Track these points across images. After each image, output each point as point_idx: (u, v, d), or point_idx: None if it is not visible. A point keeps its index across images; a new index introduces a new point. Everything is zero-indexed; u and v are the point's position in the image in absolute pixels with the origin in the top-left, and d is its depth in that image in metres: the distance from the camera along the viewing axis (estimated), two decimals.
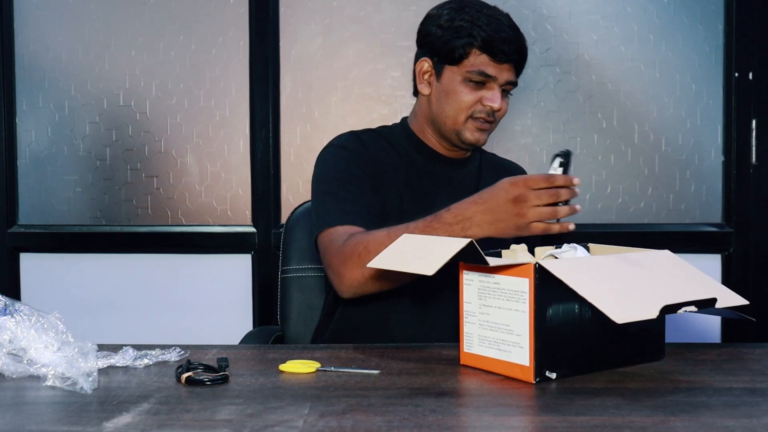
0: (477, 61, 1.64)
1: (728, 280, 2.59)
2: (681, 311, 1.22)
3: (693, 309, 1.23)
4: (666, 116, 2.63)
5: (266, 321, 2.63)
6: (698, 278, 1.33)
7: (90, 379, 1.21)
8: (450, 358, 1.39)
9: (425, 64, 1.72)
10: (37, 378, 1.26)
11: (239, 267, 2.67)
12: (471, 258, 1.24)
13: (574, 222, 1.44)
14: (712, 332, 2.67)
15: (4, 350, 1.29)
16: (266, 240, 2.64)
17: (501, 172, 1.69)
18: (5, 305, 1.31)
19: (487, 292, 1.29)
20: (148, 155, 2.69)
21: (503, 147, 2.61)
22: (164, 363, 1.37)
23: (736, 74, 2.59)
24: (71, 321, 1.34)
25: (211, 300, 2.68)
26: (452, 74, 1.67)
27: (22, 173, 2.71)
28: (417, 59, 1.74)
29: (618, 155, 2.64)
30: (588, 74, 2.63)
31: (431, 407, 1.12)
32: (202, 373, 1.26)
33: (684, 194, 2.64)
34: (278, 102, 2.65)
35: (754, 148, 2.61)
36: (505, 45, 1.62)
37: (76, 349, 1.28)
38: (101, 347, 1.37)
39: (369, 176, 1.69)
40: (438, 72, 1.70)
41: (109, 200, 2.70)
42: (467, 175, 1.75)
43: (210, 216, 2.69)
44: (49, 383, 1.23)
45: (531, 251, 1.45)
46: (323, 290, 1.89)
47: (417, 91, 1.76)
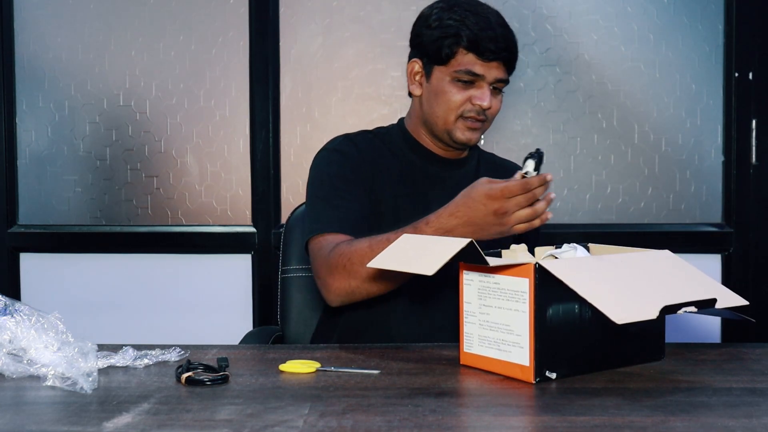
0: (464, 61, 1.64)
1: (728, 280, 2.59)
2: (681, 311, 1.22)
3: (693, 309, 1.24)
4: (666, 116, 2.63)
5: (266, 321, 2.63)
6: (698, 278, 1.33)
7: (90, 379, 1.21)
8: (450, 358, 1.39)
9: (416, 65, 1.72)
10: (37, 378, 1.26)
11: (239, 267, 2.67)
12: (471, 258, 1.24)
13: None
14: (712, 332, 2.67)
15: (4, 350, 1.29)
16: (266, 240, 2.64)
17: (499, 172, 1.68)
18: (5, 305, 1.31)
19: (487, 292, 1.29)
20: (148, 155, 2.69)
21: (503, 147, 2.61)
22: (164, 363, 1.37)
23: (736, 74, 2.59)
24: (71, 321, 1.34)
25: (211, 300, 2.68)
26: (441, 74, 1.67)
27: (22, 173, 2.71)
28: (409, 60, 1.74)
29: (618, 155, 2.64)
30: (588, 74, 2.63)
31: (431, 407, 1.12)
32: (202, 373, 1.26)
33: (684, 194, 2.64)
34: (278, 102, 2.65)
35: (754, 148, 2.60)
36: (492, 43, 1.62)
37: (76, 349, 1.28)
38: (101, 347, 1.37)
39: (362, 180, 1.69)
40: (428, 73, 1.70)
41: (109, 200, 2.70)
42: (464, 176, 1.73)
43: (210, 216, 2.69)
44: (49, 383, 1.23)
45: (531, 251, 1.46)
46: None
47: (411, 92, 1.77)
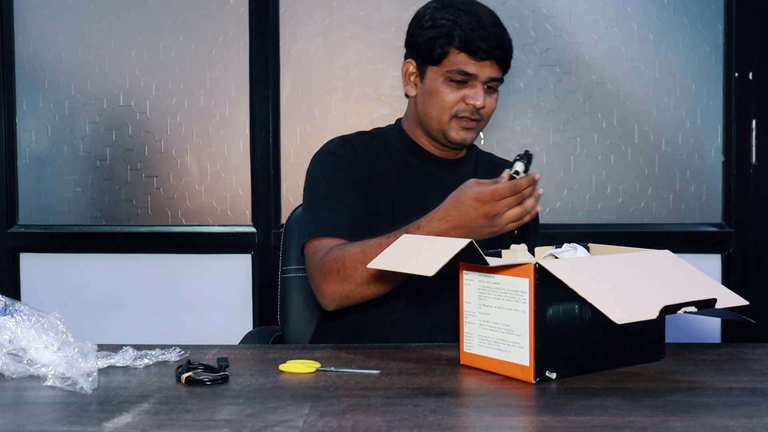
0: (456, 60, 1.63)
1: (728, 280, 2.59)
2: (681, 311, 1.22)
3: (693, 309, 1.24)
4: (666, 116, 2.63)
5: (266, 321, 2.63)
6: (698, 278, 1.33)
7: (90, 379, 1.21)
8: (450, 358, 1.39)
9: (410, 66, 1.72)
10: (37, 378, 1.26)
11: (239, 267, 2.67)
12: (471, 258, 1.24)
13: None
14: (712, 332, 2.66)
15: (4, 350, 1.29)
16: (266, 240, 2.64)
17: (498, 171, 1.67)
18: (5, 305, 1.31)
19: (487, 292, 1.29)
20: (148, 155, 2.69)
21: (503, 147, 2.61)
22: (164, 363, 1.37)
23: (736, 74, 2.59)
24: (71, 321, 1.34)
25: (211, 300, 2.68)
26: (434, 75, 1.67)
27: (22, 173, 2.71)
28: (404, 61, 1.74)
29: (618, 155, 2.64)
30: (588, 74, 2.63)
31: (431, 407, 1.12)
32: (202, 373, 1.26)
33: (684, 194, 2.64)
34: (278, 102, 2.65)
35: (754, 148, 2.60)
36: (484, 42, 1.61)
37: (76, 349, 1.28)
38: (101, 347, 1.37)
39: (358, 182, 1.69)
40: (422, 73, 1.70)
41: (109, 200, 2.70)
42: (462, 176, 1.68)
43: (210, 216, 2.69)
44: (49, 383, 1.23)
45: (531, 251, 1.46)
46: None
47: (406, 93, 1.77)
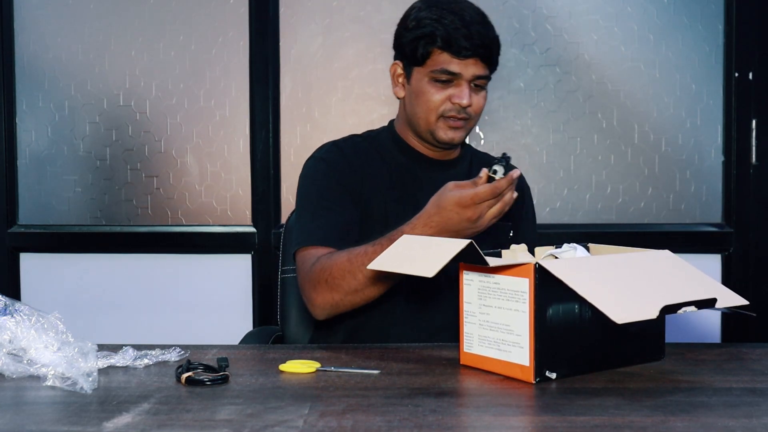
0: (440, 60, 1.63)
1: (728, 280, 2.59)
2: (681, 311, 1.22)
3: (693, 309, 1.24)
4: (666, 116, 2.63)
5: (266, 321, 2.63)
6: (698, 278, 1.33)
7: (90, 379, 1.21)
8: (450, 358, 1.39)
9: (397, 68, 1.72)
10: (37, 378, 1.26)
11: (239, 267, 2.67)
12: (471, 258, 1.24)
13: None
14: (712, 332, 2.67)
15: (4, 350, 1.29)
16: (266, 240, 2.64)
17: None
18: (5, 305, 1.31)
19: (487, 292, 1.29)
20: (148, 155, 2.69)
21: (503, 147, 2.61)
22: (164, 363, 1.37)
23: (736, 74, 2.59)
24: (71, 321, 1.34)
25: (211, 300, 2.68)
26: (419, 75, 1.67)
27: (22, 173, 2.71)
28: (393, 62, 1.74)
29: (618, 155, 2.64)
30: (588, 74, 2.63)
31: (431, 407, 1.12)
32: (202, 373, 1.26)
33: (684, 194, 2.64)
34: (278, 102, 2.65)
35: (754, 148, 2.60)
36: (466, 40, 1.61)
37: (76, 349, 1.28)
38: (101, 347, 1.37)
39: (349, 188, 1.69)
40: (408, 74, 1.70)
41: (109, 200, 2.70)
42: (455, 177, 1.64)
43: (210, 216, 2.69)
44: (49, 383, 1.23)
45: (531, 251, 1.46)
46: None
47: (395, 95, 1.76)
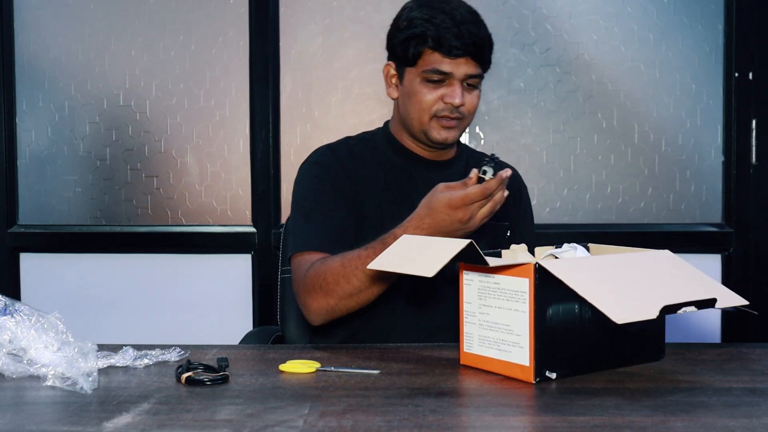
0: (431, 60, 1.63)
1: (728, 280, 2.59)
2: (681, 311, 1.22)
3: (693, 309, 1.24)
4: (666, 116, 2.63)
5: (266, 321, 2.63)
6: (698, 278, 1.33)
7: (90, 379, 1.21)
8: (450, 358, 1.39)
9: (390, 69, 1.73)
10: (37, 378, 1.26)
11: (239, 267, 2.67)
12: (471, 258, 1.24)
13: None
14: (712, 332, 2.66)
15: (4, 350, 1.29)
16: (266, 240, 2.64)
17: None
18: (5, 305, 1.31)
19: (487, 292, 1.29)
20: (148, 155, 2.69)
21: (503, 147, 2.61)
22: (164, 363, 1.37)
23: (736, 74, 2.59)
24: (71, 321, 1.34)
25: (211, 300, 2.68)
26: (412, 75, 1.67)
27: (22, 173, 2.71)
28: (385, 63, 1.74)
29: (618, 155, 2.64)
30: (588, 74, 2.63)
31: (431, 407, 1.12)
32: (202, 373, 1.26)
33: (684, 194, 2.64)
34: (278, 102, 2.65)
35: (754, 148, 2.60)
36: (457, 39, 1.60)
37: (76, 349, 1.28)
38: (101, 347, 1.37)
39: (343, 192, 1.69)
40: (400, 75, 1.70)
41: (109, 200, 2.70)
42: (452, 177, 1.61)
43: (210, 216, 2.69)
44: (49, 383, 1.23)
45: (531, 251, 1.46)
46: None
47: (389, 95, 1.76)
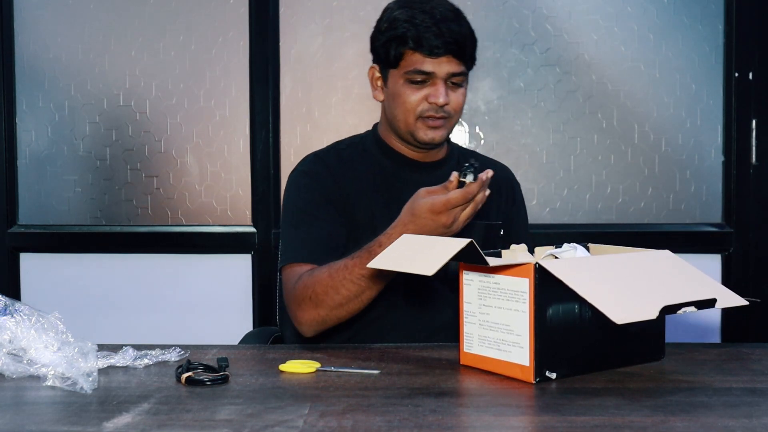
0: (412, 60, 1.63)
1: (728, 280, 2.59)
2: (681, 311, 1.22)
3: (693, 309, 1.24)
4: (666, 116, 2.63)
5: (266, 321, 2.63)
6: (698, 278, 1.33)
7: (90, 379, 1.22)
8: (450, 358, 1.39)
9: (375, 71, 1.72)
10: (37, 378, 1.26)
11: (239, 267, 2.67)
12: (471, 258, 1.24)
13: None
14: (712, 332, 2.67)
15: (4, 350, 1.29)
16: (266, 240, 2.64)
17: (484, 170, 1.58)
18: (5, 305, 1.31)
19: (487, 292, 1.29)
20: (148, 155, 2.69)
21: (503, 147, 2.61)
22: (164, 363, 1.37)
23: (736, 74, 2.59)
24: (71, 321, 1.34)
25: (211, 300, 2.68)
26: (395, 77, 1.66)
27: (22, 173, 2.71)
28: (370, 66, 1.74)
29: (618, 155, 2.64)
30: (588, 74, 2.63)
31: (431, 407, 1.12)
32: (202, 373, 1.26)
33: (684, 194, 2.64)
34: (278, 102, 2.65)
35: (754, 148, 2.60)
36: (437, 38, 1.60)
37: (76, 349, 1.28)
38: (101, 347, 1.37)
39: (332, 200, 1.68)
40: (385, 77, 1.70)
41: (109, 200, 2.70)
42: (442, 178, 1.56)
43: (210, 216, 2.69)
44: (49, 383, 1.23)
45: (531, 251, 1.46)
46: None
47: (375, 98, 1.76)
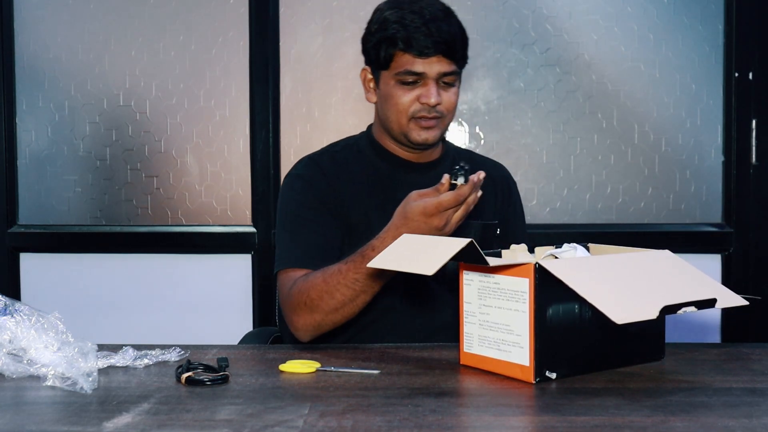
0: (402, 61, 1.62)
1: (728, 280, 2.59)
2: (681, 311, 1.22)
3: (693, 309, 1.24)
4: (666, 116, 2.63)
5: (266, 321, 2.63)
6: (698, 278, 1.33)
7: (90, 379, 1.22)
8: (450, 358, 1.39)
9: (366, 73, 1.72)
10: (37, 378, 1.26)
11: (239, 267, 2.67)
12: (471, 258, 1.24)
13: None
14: (712, 332, 2.67)
15: (4, 350, 1.29)
16: (266, 240, 2.64)
17: (476, 171, 1.52)
18: (5, 305, 1.31)
19: (487, 292, 1.29)
20: (148, 155, 2.69)
21: (503, 147, 2.61)
22: (164, 363, 1.37)
23: (736, 74, 2.59)
24: (71, 321, 1.34)
25: (211, 300, 2.68)
26: (386, 79, 1.66)
27: (22, 173, 2.71)
28: (362, 68, 1.74)
29: (618, 155, 2.64)
30: (588, 74, 2.63)
31: (431, 407, 1.12)
32: (202, 373, 1.26)
33: (684, 194, 2.64)
34: (278, 102, 2.65)
35: (754, 148, 2.60)
36: (427, 38, 1.59)
37: (76, 349, 1.28)
38: (101, 347, 1.37)
39: (327, 204, 1.68)
40: (376, 79, 1.70)
41: (109, 200, 2.70)
42: (436, 179, 1.51)
43: (210, 216, 2.69)
44: (49, 383, 1.23)
45: (531, 251, 1.46)
46: None
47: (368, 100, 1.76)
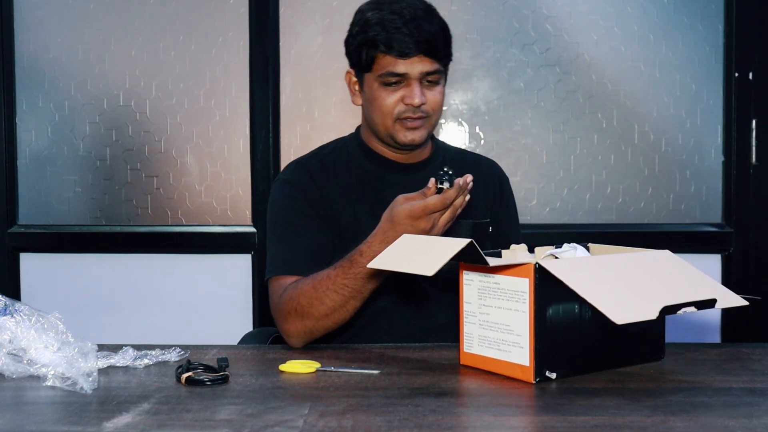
0: (384, 63, 1.62)
1: (728, 280, 2.59)
2: (681, 312, 1.22)
3: (693, 309, 1.24)
4: (666, 116, 2.63)
5: (266, 321, 2.62)
6: (698, 278, 1.33)
7: (90, 379, 1.22)
8: (450, 358, 1.39)
9: (351, 77, 1.72)
10: (37, 378, 1.26)
11: (239, 267, 2.67)
12: (471, 258, 1.24)
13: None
14: (712, 332, 2.67)
15: (4, 350, 1.29)
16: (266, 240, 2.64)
17: (467, 169, 1.55)
18: (5, 305, 1.32)
19: (487, 292, 1.29)
20: (148, 155, 2.69)
21: (503, 147, 2.61)
22: (164, 363, 1.37)
23: (736, 74, 2.59)
24: (71, 321, 1.34)
25: (211, 300, 2.68)
26: (370, 81, 1.66)
27: (22, 173, 2.71)
28: (346, 71, 1.74)
29: (618, 155, 2.64)
30: (588, 74, 2.63)
31: (431, 407, 1.12)
32: (202, 373, 1.26)
33: (684, 194, 2.64)
34: (278, 102, 2.65)
35: (754, 148, 2.60)
36: (407, 38, 1.59)
37: (76, 349, 1.28)
38: (101, 347, 1.37)
39: (316, 208, 1.68)
40: (360, 81, 1.70)
41: (109, 200, 2.70)
42: (426, 179, 1.49)
43: (210, 216, 2.69)
44: (49, 383, 1.23)
45: (531, 251, 1.46)
46: None
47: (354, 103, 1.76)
